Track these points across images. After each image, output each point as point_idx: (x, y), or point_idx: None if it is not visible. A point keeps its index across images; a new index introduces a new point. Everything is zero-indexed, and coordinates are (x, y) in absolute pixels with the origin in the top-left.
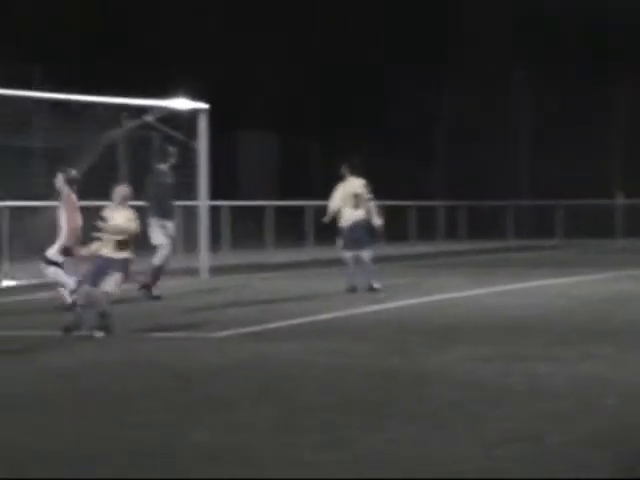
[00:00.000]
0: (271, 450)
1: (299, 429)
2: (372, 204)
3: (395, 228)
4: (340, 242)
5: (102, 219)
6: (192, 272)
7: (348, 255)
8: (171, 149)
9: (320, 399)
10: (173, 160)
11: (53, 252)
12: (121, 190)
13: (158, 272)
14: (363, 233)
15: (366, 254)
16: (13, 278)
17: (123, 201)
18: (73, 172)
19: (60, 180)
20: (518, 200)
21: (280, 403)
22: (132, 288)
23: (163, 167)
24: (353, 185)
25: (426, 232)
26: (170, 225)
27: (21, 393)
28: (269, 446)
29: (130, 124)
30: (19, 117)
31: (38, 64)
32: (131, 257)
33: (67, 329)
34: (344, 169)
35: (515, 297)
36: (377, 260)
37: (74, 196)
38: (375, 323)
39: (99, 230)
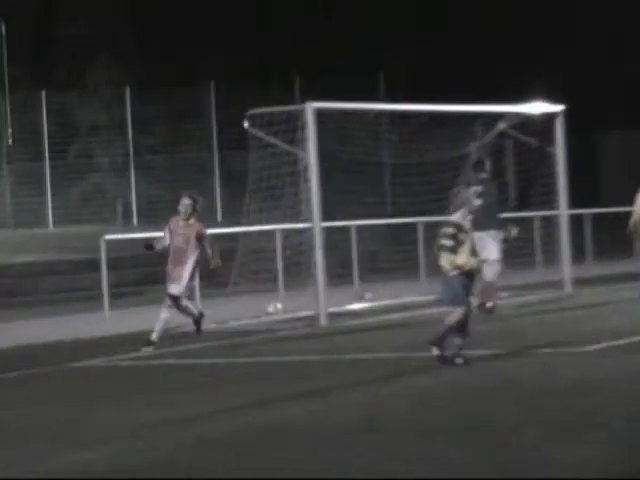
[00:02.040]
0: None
1: None
2: None
3: None
4: None
5: (463, 230)
6: (555, 285)
7: None
8: (487, 161)
9: None
10: (485, 173)
11: (181, 289)
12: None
13: (493, 288)
14: None
15: None
16: (364, 299)
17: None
18: (200, 197)
19: (189, 205)
20: None
21: None
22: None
23: (484, 175)
24: None
25: None
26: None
27: (382, 416)
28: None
29: (486, 134)
30: (367, 130)
31: (381, 73)
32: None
33: (442, 358)
34: None
35: None
36: None
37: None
38: None
39: (457, 243)
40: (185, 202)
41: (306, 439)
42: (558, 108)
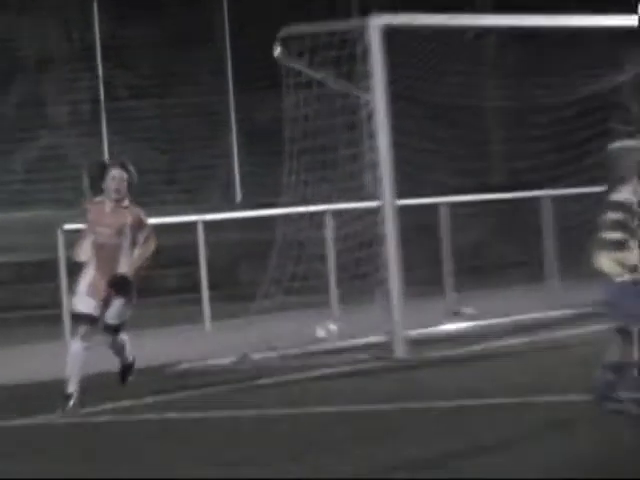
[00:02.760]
0: None
1: None
2: None
3: None
4: None
5: (635, 214)
6: None
7: None
8: (636, 104)
9: None
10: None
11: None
12: None
13: None
14: None
15: None
16: (461, 316)
17: None
18: (133, 169)
19: (120, 179)
20: None
21: None
22: None
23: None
24: None
25: None
26: None
27: None
28: None
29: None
30: (462, 60)
31: None
32: None
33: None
34: None
35: None
36: None
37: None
38: None
39: (628, 234)
40: (115, 175)
41: None
42: None
